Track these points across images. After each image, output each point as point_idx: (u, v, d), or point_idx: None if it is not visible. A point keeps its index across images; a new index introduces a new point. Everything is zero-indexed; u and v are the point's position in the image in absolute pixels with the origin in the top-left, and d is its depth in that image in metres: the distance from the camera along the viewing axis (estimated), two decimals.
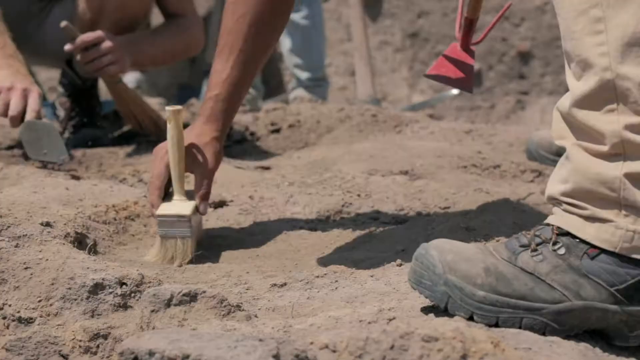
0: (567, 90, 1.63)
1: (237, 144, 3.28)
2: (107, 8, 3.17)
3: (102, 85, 3.36)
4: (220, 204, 2.42)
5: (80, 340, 1.64)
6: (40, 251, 1.80)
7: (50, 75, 5.11)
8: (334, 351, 1.43)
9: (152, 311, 1.63)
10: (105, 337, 1.65)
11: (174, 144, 2.07)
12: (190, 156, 2.10)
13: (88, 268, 1.73)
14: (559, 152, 2.94)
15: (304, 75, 4.50)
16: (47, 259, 1.76)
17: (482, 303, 1.57)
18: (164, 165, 2.09)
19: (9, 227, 1.91)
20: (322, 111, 3.46)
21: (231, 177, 2.59)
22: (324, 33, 4.59)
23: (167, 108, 2.07)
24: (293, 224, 2.32)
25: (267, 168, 2.78)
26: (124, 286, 1.72)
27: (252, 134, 3.40)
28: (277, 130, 3.37)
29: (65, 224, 2.00)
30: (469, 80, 2.19)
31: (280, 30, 2.18)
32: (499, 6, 5.14)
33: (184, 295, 1.64)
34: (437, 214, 2.38)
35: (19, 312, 1.70)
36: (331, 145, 3.13)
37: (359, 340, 1.42)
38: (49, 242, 1.88)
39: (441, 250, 1.60)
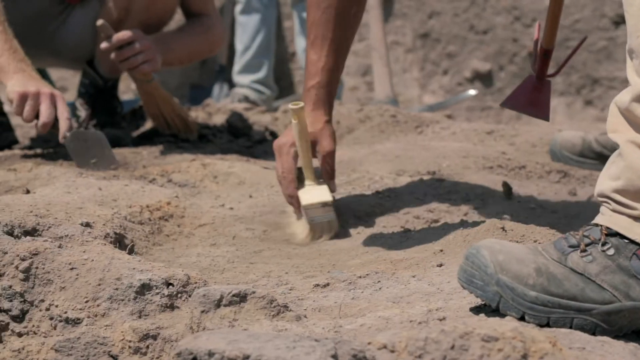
0: (577, 91, 1.64)
1: (258, 144, 3.28)
2: (134, 8, 3.17)
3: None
4: None
5: (130, 341, 1.63)
6: (83, 252, 1.79)
7: (61, 75, 5.10)
8: (393, 351, 1.43)
9: (203, 312, 1.63)
10: (154, 337, 1.65)
11: (302, 137, 2.22)
12: (311, 143, 2.26)
13: (134, 268, 1.73)
14: (583, 153, 2.96)
15: None
16: (92, 260, 1.75)
17: (534, 303, 1.57)
18: (292, 159, 2.26)
19: (49, 227, 1.91)
20: (341, 111, 3.46)
21: (260, 177, 2.59)
22: None
23: (291, 106, 2.21)
24: None
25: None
26: (170, 286, 1.72)
27: (273, 134, 3.40)
28: None
29: (104, 225, 2.00)
30: (545, 110, 2.27)
31: (361, 16, 2.31)
32: (511, 7, 5.15)
33: (233, 295, 1.64)
34: (468, 215, 2.38)
35: (65, 312, 1.69)
36: (353, 146, 3.13)
37: (418, 340, 1.42)
38: (90, 243, 1.87)
39: (492, 251, 1.60)
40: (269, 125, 3.44)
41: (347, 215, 2.39)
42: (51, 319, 1.70)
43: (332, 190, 2.30)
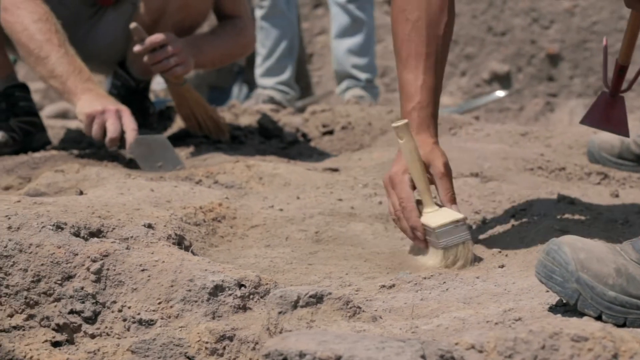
0: (595, 92, 1.64)
1: (291, 146, 3.28)
2: (168, 10, 3.18)
3: None
4: None
5: (207, 342, 1.63)
6: (152, 253, 1.79)
7: None
8: (481, 351, 1.43)
9: (280, 313, 1.63)
10: (230, 338, 1.64)
11: (414, 158, 2.02)
12: (426, 167, 2.06)
13: (206, 270, 1.73)
14: (621, 155, 2.97)
15: (363, 76, 4.49)
16: (163, 261, 1.75)
17: (612, 303, 1.58)
18: (408, 186, 2.03)
19: (114, 229, 1.91)
20: (371, 113, 3.46)
21: (305, 179, 2.59)
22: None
23: (395, 125, 2.00)
24: (375, 226, 2.33)
25: (336, 170, 2.78)
26: (242, 288, 1.72)
27: (304, 135, 3.40)
28: (330, 132, 3.37)
29: (164, 226, 2.00)
30: (623, 125, 2.27)
31: (452, 26, 2.13)
32: (528, 9, 5.16)
33: (310, 296, 1.64)
34: (516, 216, 2.38)
35: (139, 314, 1.69)
36: (388, 147, 3.13)
37: (507, 341, 1.42)
38: (155, 244, 1.87)
39: (574, 248, 1.60)
40: (300, 127, 3.44)
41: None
42: (124, 320, 1.70)
43: None
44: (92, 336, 1.70)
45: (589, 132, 3.11)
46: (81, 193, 2.25)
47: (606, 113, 2.31)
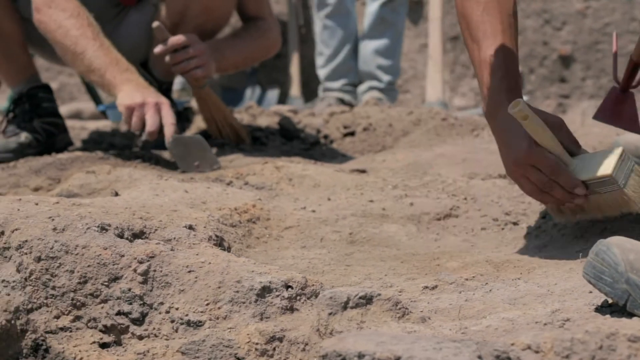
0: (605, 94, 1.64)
1: (313, 147, 3.29)
2: (190, 13, 3.18)
3: None
4: None
5: (257, 343, 1.64)
6: (197, 254, 1.79)
7: None
8: (537, 352, 1.44)
9: (330, 314, 1.63)
10: (280, 339, 1.65)
11: (545, 128, 1.98)
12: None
13: (253, 271, 1.73)
14: None
15: (385, 77, 4.48)
16: (209, 262, 1.75)
17: None
18: (546, 156, 1.99)
19: (156, 230, 1.91)
20: (391, 114, 3.47)
21: (334, 180, 2.59)
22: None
23: (513, 109, 1.95)
24: (408, 227, 2.33)
25: (363, 171, 2.79)
26: (289, 289, 1.72)
27: (326, 136, 3.41)
28: (352, 134, 3.38)
29: (204, 227, 2.00)
30: (633, 122, 2.26)
31: (516, 11, 2.16)
32: (541, 9, 5.18)
33: (360, 298, 1.64)
34: (547, 217, 2.39)
35: (187, 315, 1.69)
36: (411, 149, 3.13)
37: (564, 341, 1.43)
38: (197, 246, 1.87)
39: (623, 249, 1.61)
40: (321, 128, 3.45)
41: (429, 217, 2.39)
42: (172, 321, 1.70)
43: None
44: (140, 337, 1.70)
45: (612, 133, 3.11)
46: (116, 194, 2.25)
47: (617, 109, 2.29)
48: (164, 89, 3.33)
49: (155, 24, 3.03)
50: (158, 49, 3.02)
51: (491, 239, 2.30)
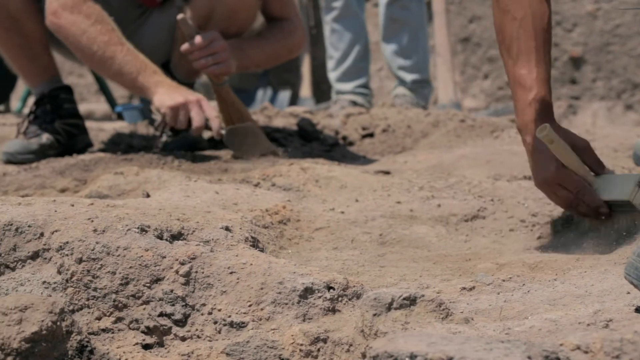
0: (618, 95, 1.67)
1: (333, 148, 3.29)
2: (215, 17, 3.19)
3: None
4: None
5: (301, 344, 1.64)
6: (236, 255, 1.80)
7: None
8: (587, 352, 1.45)
9: (375, 315, 1.63)
10: (324, 340, 1.65)
11: (570, 152, 2.16)
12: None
13: (295, 272, 1.73)
14: None
15: (409, 77, 4.48)
16: (250, 264, 1.75)
17: None
18: (573, 177, 2.17)
19: (194, 231, 1.91)
20: (409, 115, 3.48)
21: (360, 181, 2.60)
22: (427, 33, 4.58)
23: (541, 134, 2.10)
24: (437, 228, 2.34)
25: (388, 172, 2.80)
26: (331, 290, 1.72)
27: (344, 138, 3.41)
28: (371, 135, 3.38)
29: (240, 228, 2.01)
30: None
31: (551, 15, 2.25)
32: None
33: (404, 299, 1.64)
34: (574, 219, 2.40)
35: (229, 316, 1.70)
36: (432, 150, 3.14)
37: (614, 342, 1.43)
38: (236, 247, 1.88)
39: None
40: (339, 130, 3.46)
41: (456, 218, 2.40)
42: (215, 322, 1.70)
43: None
44: (183, 339, 1.71)
45: (633, 134, 3.13)
46: (147, 196, 2.26)
47: None
48: None
49: (180, 16, 3.05)
50: (184, 47, 3.04)
51: (520, 240, 2.31)
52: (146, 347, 1.72)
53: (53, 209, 1.91)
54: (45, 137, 3.09)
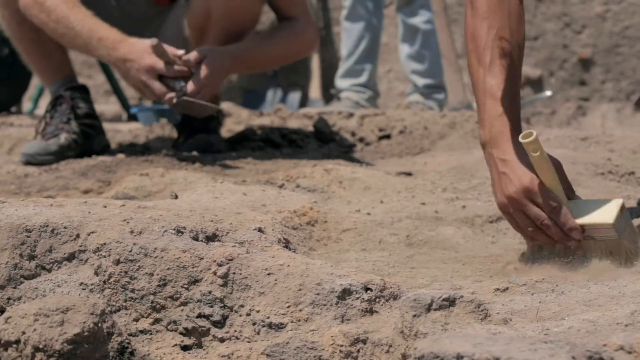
0: (627, 97, 1.67)
1: (351, 149, 3.30)
2: (213, 16, 3.18)
3: None
4: None
5: (341, 345, 1.65)
6: (272, 257, 1.80)
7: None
8: (630, 352, 1.45)
9: (414, 316, 1.64)
10: (364, 341, 1.66)
11: (549, 166, 1.98)
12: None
13: (332, 274, 1.74)
14: None
15: (421, 81, 4.50)
16: (288, 265, 1.76)
17: None
18: (553, 195, 1.99)
19: (227, 233, 1.92)
20: (425, 117, 3.48)
21: (384, 183, 2.61)
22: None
23: (526, 140, 1.93)
24: (464, 230, 2.35)
25: (410, 174, 2.80)
26: (369, 291, 1.73)
27: (361, 139, 3.42)
28: (387, 136, 3.39)
29: (272, 230, 2.01)
30: None
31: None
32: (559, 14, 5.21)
33: (443, 300, 1.65)
34: None
35: (268, 317, 1.70)
36: (450, 152, 3.15)
37: None
38: (270, 248, 1.88)
39: None
40: (355, 131, 3.46)
41: (481, 220, 2.41)
42: (253, 324, 1.71)
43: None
44: (222, 340, 1.71)
45: None
46: (176, 197, 2.26)
47: None
48: None
49: (154, 41, 2.96)
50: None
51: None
52: (185, 348, 1.72)
53: (87, 210, 1.91)
54: (64, 138, 3.09)
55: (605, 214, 1.98)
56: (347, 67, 4.66)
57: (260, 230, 1.96)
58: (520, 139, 1.95)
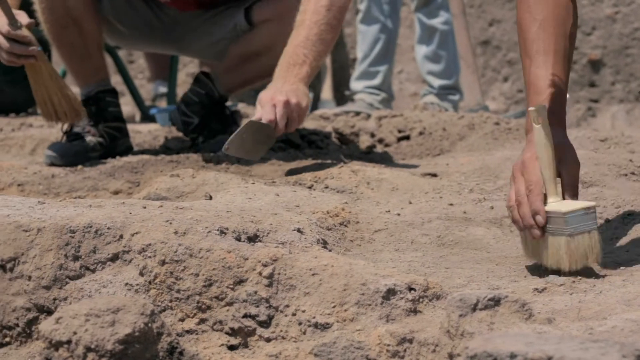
0: (637, 98, 1.68)
1: (372, 150, 3.32)
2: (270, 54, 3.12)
3: None
4: None
5: (388, 345, 1.67)
6: (315, 257, 1.82)
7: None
8: None
9: (460, 315, 1.66)
10: (410, 341, 1.67)
11: (547, 143, 1.98)
12: (556, 157, 2.03)
13: (376, 274, 1.76)
14: None
15: (437, 82, 4.53)
16: (332, 265, 1.78)
17: None
18: (539, 171, 2.00)
19: (268, 233, 1.94)
20: (443, 118, 3.50)
21: (411, 183, 2.63)
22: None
23: (533, 108, 1.98)
24: (494, 230, 2.36)
25: (435, 175, 2.82)
26: (412, 291, 1.75)
27: (380, 140, 3.44)
28: (407, 137, 3.41)
29: (310, 230, 2.03)
30: None
31: (577, 25, 2.19)
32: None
33: (489, 300, 1.67)
34: (626, 220, 2.43)
35: (314, 317, 1.72)
36: (470, 153, 3.17)
37: None
38: (310, 248, 1.90)
39: None
40: (374, 132, 3.48)
41: (509, 220, 2.43)
42: (299, 323, 1.73)
43: None
44: (268, 340, 1.73)
45: None
46: (210, 198, 2.28)
47: None
48: (224, 98, 3.35)
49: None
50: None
51: None
52: (231, 348, 1.74)
53: (127, 211, 1.93)
54: (89, 140, 3.11)
55: (566, 206, 1.96)
56: (362, 69, 4.69)
57: (299, 230, 1.98)
58: (529, 108, 2.00)
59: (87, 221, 1.87)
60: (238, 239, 1.86)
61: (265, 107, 2.77)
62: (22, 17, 2.79)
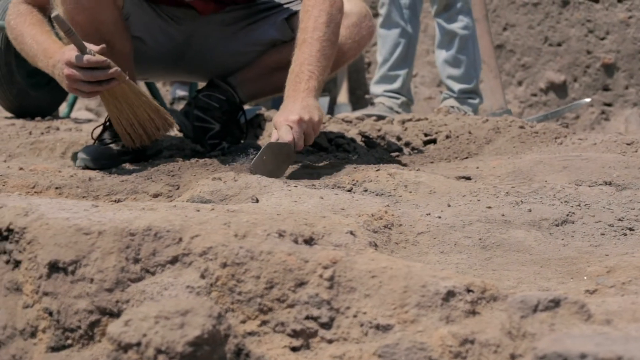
0: None
1: (399, 153, 3.34)
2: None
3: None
4: None
5: (450, 346, 1.69)
6: (372, 259, 1.85)
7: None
8: None
9: (522, 317, 1.69)
10: (472, 342, 1.70)
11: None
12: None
13: (435, 276, 1.79)
14: None
15: (457, 87, 4.57)
16: (391, 267, 1.80)
17: None
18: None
19: (323, 236, 1.96)
20: (467, 122, 3.53)
21: (448, 187, 2.65)
22: (478, 45, 4.65)
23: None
24: (533, 233, 2.39)
25: (469, 178, 2.85)
26: (471, 293, 1.78)
27: (407, 144, 3.46)
28: (433, 141, 3.44)
29: (362, 233, 2.06)
30: None
31: None
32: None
33: (549, 301, 1.70)
34: None
35: (375, 319, 1.75)
36: (498, 156, 3.20)
37: None
38: (365, 251, 1.93)
39: None
40: (400, 135, 3.51)
41: (548, 223, 2.46)
42: (361, 325, 1.75)
43: None
44: (330, 341, 1.75)
45: None
46: (257, 201, 2.30)
47: None
48: (241, 106, 3.38)
49: (54, 13, 2.80)
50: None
51: (616, 244, 2.36)
52: (294, 349, 1.76)
53: (183, 214, 1.95)
54: (122, 144, 3.12)
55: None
56: (381, 73, 4.73)
57: (352, 233, 2.00)
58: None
59: (146, 224, 1.89)
60: (295, 242, 1.89)
61: (282, 129, 2.82)
62: (91, 45, 2.82)
